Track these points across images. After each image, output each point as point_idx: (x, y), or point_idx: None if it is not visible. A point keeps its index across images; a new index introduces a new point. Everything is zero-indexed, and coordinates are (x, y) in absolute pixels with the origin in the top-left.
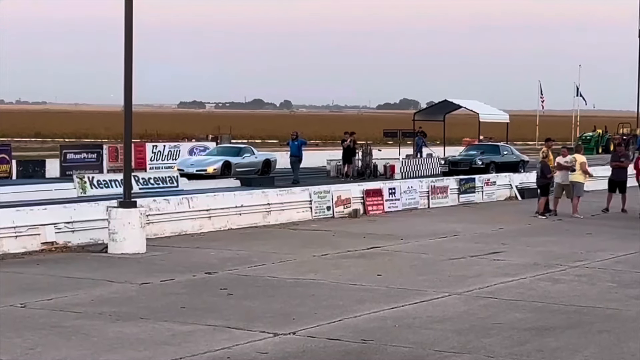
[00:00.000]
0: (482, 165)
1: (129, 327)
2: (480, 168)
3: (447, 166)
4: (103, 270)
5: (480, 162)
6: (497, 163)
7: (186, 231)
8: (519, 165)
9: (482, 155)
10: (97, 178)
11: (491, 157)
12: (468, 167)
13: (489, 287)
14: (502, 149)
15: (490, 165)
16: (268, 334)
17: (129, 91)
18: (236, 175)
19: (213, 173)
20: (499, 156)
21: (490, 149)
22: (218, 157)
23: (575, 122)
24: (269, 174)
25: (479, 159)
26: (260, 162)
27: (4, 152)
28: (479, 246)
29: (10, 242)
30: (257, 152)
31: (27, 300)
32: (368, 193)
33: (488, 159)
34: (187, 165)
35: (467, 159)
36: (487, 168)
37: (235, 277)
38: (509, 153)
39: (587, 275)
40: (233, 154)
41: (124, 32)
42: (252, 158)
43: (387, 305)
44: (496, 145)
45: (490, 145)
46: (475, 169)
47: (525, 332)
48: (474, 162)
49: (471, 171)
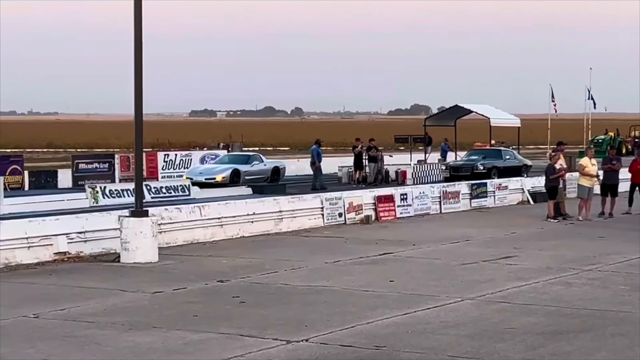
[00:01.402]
0: (484, 170)
1: (142, 336)
2: (482, 173)
3: (449, 171)
4: (115, 279)
5: (481, 167)
6: (499, 168)
7: (198, 239)
8: (522, 170)
9: (484, 160)
10: (109, 188)
11: (493, 161)
12: (469, 172)
13: (502, 292)
14: (504, 154)
15: (492, 170)
16: (281, 341)
17: (140, 100)
18: (246, 184)
19: (222, 181)
20: (501, 161)
21: (492, 153)
22: (227, 166)
23: (587, 125)
24: (278, 182)
25: (480, 163)
26: (270, 169)
27: (16, 163)
28: (491, 251)
29: (23, 253)
30: (266, 159)
31: (40, 310)
32: (380, 199)
33: (490, 164)
34: (196, 174)
35: (469, 164)
36: (489, 173)
37: (248, 284)
38: (512, 157)
39: (599, 278)
40: (242, 162)
41: (134, 42)
42: (261, 166)
43: (399, 311)
44: (498, 150)
45: (492, 150)
46: (477, 174)
47: (538, 336)
48: (475, 167)
49: (473, 176)
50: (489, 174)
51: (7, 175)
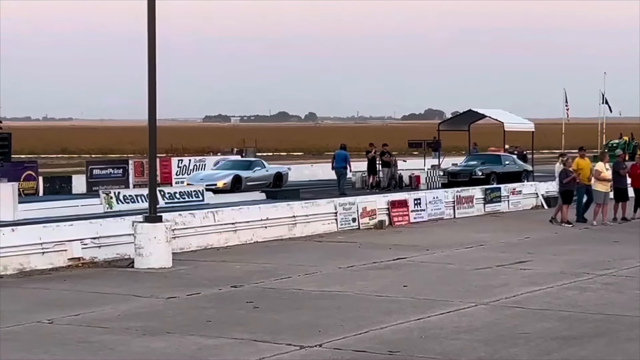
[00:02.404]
0: (482, 176)
1: (156, 341)
2: (480, 179)
3: (446, 177)
4: (129, 285)
5: (480, 172)
6: (498, 173)
7: (212, 245)
8: (522, 176)
9: (483, 165)
10: (123, 193)
11: (492, 167)
12: (468, 178)
13: (516, 297)
14: (503, 159)
15: (491, 176)
16: (294, 346)
17: (153, 106)
18: (247, 190)
19: (223, 187)
20: (500, 166)
21: (491, 159)
22: (228, 172)
23: (601, 129)
24: (281, 187)
25: (479, 169)
26: (272, 175)
27: (30, 169)
28: (505, 256)
29: (37, 259)
30: (269, 165)
31: (54, 316)
32: (393, 204)
33: (489, 170)
34: (197, 180)
35: (467, 169)
36: (487, 179)
37: (261, 290)
38: (511, 163)
39: (614, 283)
40: (244, 167)
41: (148, 47)
42: (263, 171)
43: (413, 316)
44: (497, 156)
45: (491, 156)
46: (475, 180)
47: (552, 341)
48: (473, 173)
49: (471, 182)
50: (488, 180)
51: (22, 181)
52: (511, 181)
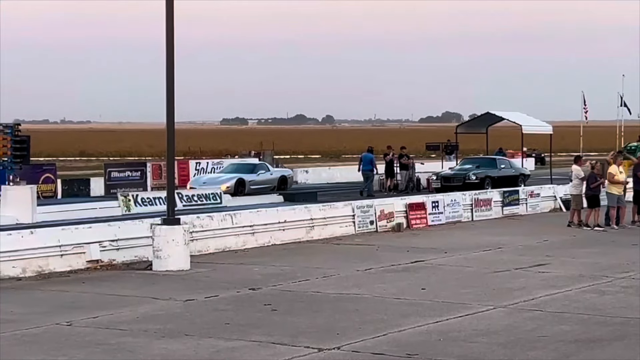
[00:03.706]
0: (477, 180)
1: (174, 343)
2: (474, 183)
3: (439, 182)
4: (147, 287)
5: (474, 177)
6: (493, 178)
7: (230, 247)
8: (519, 180)
9: (478, 169)
10: (141, 196)
11: (487, 171)
12: (461, 182)
13: (534, 300)
14: (499, 163)
15: (486, 181)
16: (312, 349)
17: (171, 109)
18: (251, 193)
19: (226, 191)
20: (496, 170)
21: (486, 162)
22: (231, 175)
23: (620, 132)
24: (286, 190)
25: (473, 173)
26: (276, 178)
27: (49, 172)
28: (523, 258)
29: (56, 261)
30: (273, 168)
31: (73, 318)
32: (411, 207)
33: (483, 174)
34: (199, 184)
35: (461, 173)
36: (482, 183)
37: (279, 292)
38: (507, 167)
39: (633, 286)
40: (247, 170)
41: (166, 51)
42: (267, 175)
43: (431, 319)
44: (493, 159)
45: (486, 159)
46: (469, 184)
47: (571, 344)
48: (467, 177)
49: (465, 187)
50: (482, 185)
51: (40, 183)
52: (507, 186)
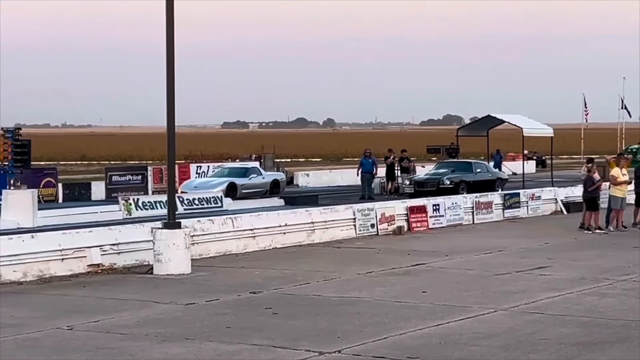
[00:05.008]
0: (451, 185)
1: (175, 347)
2: (448, 188)
3: (413, 187)
4: (148, 291)
5: (448, 181)
6: (468, 182)
7: (231, 251)
8: (496, 184)
9: (453, 173)
10: (142, 200)
11: (462, 175)
12: (435, 187)
13: (535, 303)
14: (475, 167)
15: (461, 185)
16: (313, 352)
17: (172, 112)
18: (242, 197)
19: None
20: (471, 174)
21: (461, 166)
22: (223, 179)
23: (621, 134)
24: (279, 194)
25: (447, 178)
26: (268, 182)
27: (50, 176)
28: (524, 261)
29: (57, 265)
30: (265, 172)
31: (74, 322)
32: (412, 210)
33: (458, 178)
34: (190, 188)
35: (435, 178)
36: (457, 188)
37: (280, 296)
38: (483, 171)
39: (634, 289)
40: (239, 175)
41: (166, 54)
42: (259, 179)
43: (432, 322)
44: (469, 163)
45: (461, 163)
46: (443, 189)
47: (572, 347)
48: (441, 182)
49: (439, 192)
50: (457, 189)
51: (41, 187)
52: (483, 190)
